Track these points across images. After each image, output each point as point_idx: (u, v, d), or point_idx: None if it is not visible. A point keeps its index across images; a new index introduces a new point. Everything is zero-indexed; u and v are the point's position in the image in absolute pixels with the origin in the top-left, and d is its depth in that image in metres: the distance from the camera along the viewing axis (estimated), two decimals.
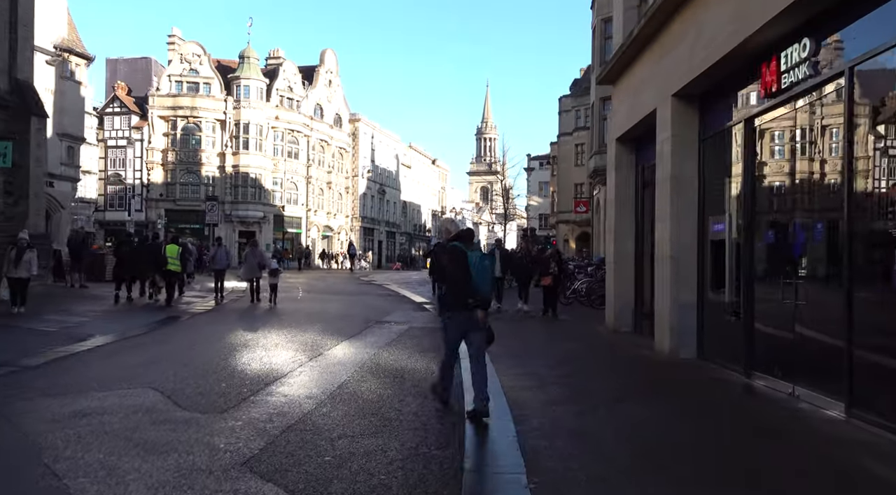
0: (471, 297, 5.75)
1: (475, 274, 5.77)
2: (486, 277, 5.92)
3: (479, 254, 5.94)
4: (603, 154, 25.78)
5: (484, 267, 5.90)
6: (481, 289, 5.84)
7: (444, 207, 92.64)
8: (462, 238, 6.05)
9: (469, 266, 5.76)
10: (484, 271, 5.88)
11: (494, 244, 16.72)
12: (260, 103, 48.61)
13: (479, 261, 5.87)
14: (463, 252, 5.83)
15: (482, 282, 5.85)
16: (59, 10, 29.95)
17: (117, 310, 15.13)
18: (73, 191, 31.60)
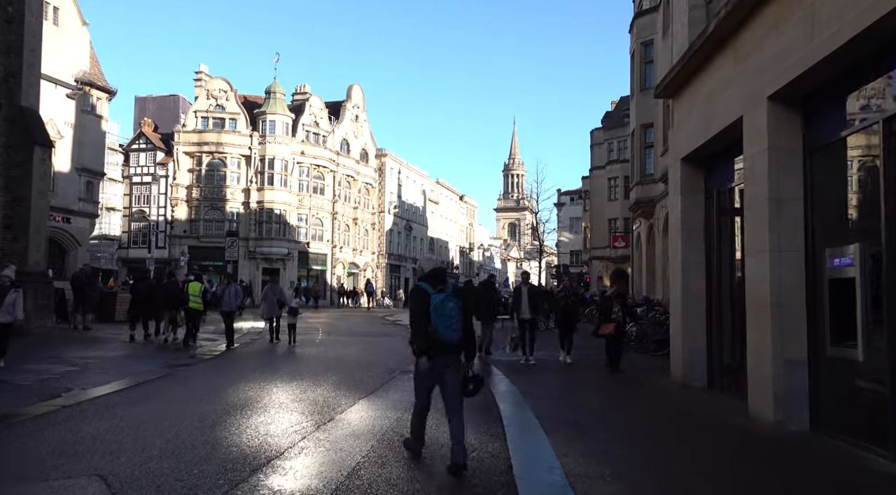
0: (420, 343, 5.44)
1: (435, 317, 5.37)
2: (448, 322, 5.41)
3: (442, 296, 5.47)
4: (646, 184, 24.00)
5: (446, 309, 5.41)
6: (442, 334, 5.38)
7: (472, 244, 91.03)
8: (430, 277, 5.66)
9: (429, 308, 5.38)
10: (446, 314, 5.40)
11: (521, 279, 14.25)
12: (286, 138, 47.93)
13: (440, 303, 5.42)
14: (425, 293, 5.49)
15: (444, 326, 5.39)
16: (82, 44, 29.45)
17: (118, 354, 13.60)
18: (91, 227, 30.66)
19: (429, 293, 5.48)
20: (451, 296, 5.50)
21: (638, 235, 28.04)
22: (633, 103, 25.15)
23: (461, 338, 5.53)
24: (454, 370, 5.53)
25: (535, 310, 13.23)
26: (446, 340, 5.40)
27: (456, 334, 5.46)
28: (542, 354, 14.09)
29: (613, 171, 49.88)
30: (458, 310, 5.50)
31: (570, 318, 13.61)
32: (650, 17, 23.88)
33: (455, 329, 5.44)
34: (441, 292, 5.51)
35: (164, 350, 14.82)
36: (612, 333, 11.93)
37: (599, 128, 53.95)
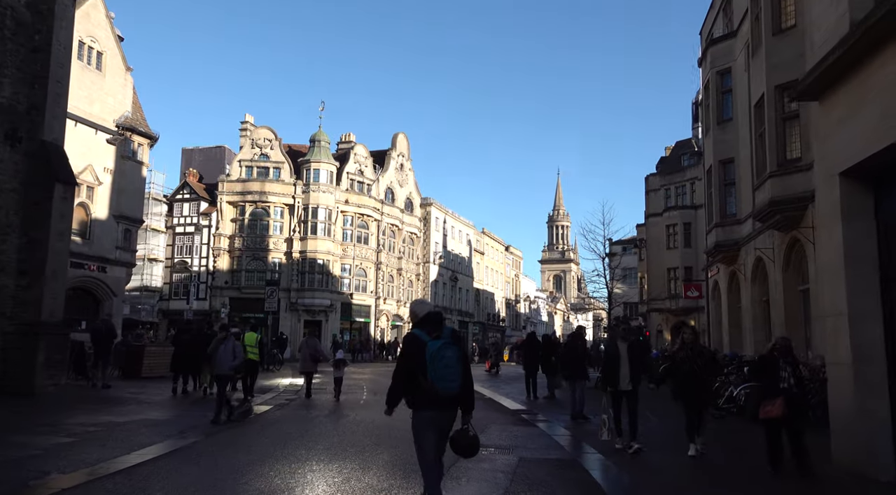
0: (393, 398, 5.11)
1: (432, 367, 4.80)
2: (447, 372, 4.85)
3: (440, 343, 4.91)
4: (727, 226, 21.41)
5: (445, 357, 4.87)
6: (441, 386, 4.82)
7: (518, 295, 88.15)
8: (426, 323, 5.12)
9: (425, 357, 4.83)
10: (444, 364, 4.85)
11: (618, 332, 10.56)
12: (330, 187, 46.80)
13: (438, 350, 4.87)
14: (419, 340, 4.97)
15: (442, 377, 4.83)
16: (125, 89, 28.75)
17: (132, 419, 11.51)
18: (127, 276, 29.33)
19: (424, 341, 4.97)
20: (450, 343, 4.98)
21: (715, 283, 25.20)
22: (710, 139, 22.80)
23: (460, 389, 4.98)
24: (449, 427, 5.07)
25: (637, 378, 9.52)
26: (444, 393, 4.87)
27: (455, 385, 4.94)
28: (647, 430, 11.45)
29: (672, 218, 47.17)
30: (457, 358, 4.97)
31: (699, 389, 8.85)
32: (726, 44, 21.75)
33: (454, 379, 4.93)
34: (438, 339, 4.98)
35: (196, 406, 12.77)
36: (783, 414, 7.53)
37: (654, 173, 51.52)
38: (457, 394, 4.96)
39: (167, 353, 20.95)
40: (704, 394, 9.13)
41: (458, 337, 5.28)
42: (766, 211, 16.08)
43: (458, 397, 5.00)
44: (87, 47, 26.85)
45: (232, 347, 12.10)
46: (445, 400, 4.92)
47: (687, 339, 9.14)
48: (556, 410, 15.08)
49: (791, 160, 15.48)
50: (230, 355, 12.00)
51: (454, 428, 5.07)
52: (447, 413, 5.00)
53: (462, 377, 4.98)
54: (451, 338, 5.05)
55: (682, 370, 8.90)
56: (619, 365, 9.38)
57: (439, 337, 5.00)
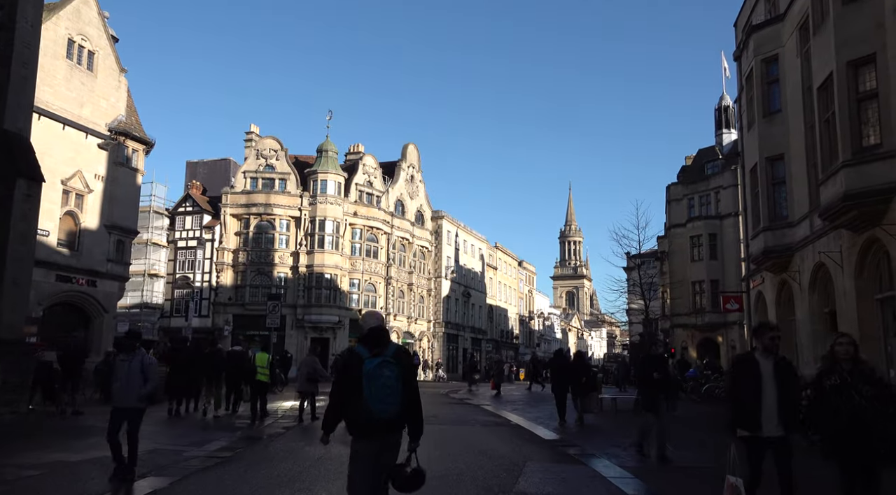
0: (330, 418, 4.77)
1: (367, 387, 4.46)
2: (383, 393, 4.48)
3: (378, 361, 4.53)
4: (778, 230, 19.17)
5: (381, 377, 4.49)
6: (374, 407, 4.44)
7: (532, 312, 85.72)
8: (368, 338, 4.71)
9: (361, 377, 4.47)
10: (380, 383, 4.48)
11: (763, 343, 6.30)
12: (338, 199, 44.91)
13: (375, 369, 4.50)
14: (357, 357, 4.61)
15: (377, 397, 4.45)
16: (119, 92, 27.03)
17: (86, 458, 9.43)
18: (120, 291, 27.38)
19: (361, 358, 4.58)
20: (390, 362, 4.55)
21: (758, 295, 22.90)
22: (754, 134, 20.65)
23: (400, 414, 4.55)
24: (392, 454, 4.59)
25: (791, 418, 5.76)
26: (379, 415, 4.45)
27: (392, 408, 4.51)
28: None
29: (696, 229, 44.91)
30: (397, 378, 4.55)
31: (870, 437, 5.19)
32: (772, 29, 19.68)
33: (391, 401, 4.50)
34: (378, 356, 4.57)
35: (181, 436, 10.66)
36: None
37: (676, 183, 49.27)
38: (394, 419, 4.58)
39: None
40: (879, 445, 5.19)
41: (406, 355, 4.84)
42: (836, 207, 13.88)
43: (397, 422, 4.62)
44: (78, 46, 25.17)
45: (140, 367, 7.80)
46: (384, 424, 4.54)
47: (842, 353, 5.46)
48: (597, 440, 12.86)
49: (869, 147, 13.34)
50: (137, 378, 7.77)
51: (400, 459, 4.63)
52: (387, 439, 4.60)
53: (402, 399, 4.57)
54: (396, 356, 4.65)
55: (839, 405, 5.28)
56: (762, 395, 5.65)
57: (380, 354, 4.62)
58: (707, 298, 43.94)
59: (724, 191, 44.12)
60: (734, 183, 43.15)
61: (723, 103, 48.99)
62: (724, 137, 48.43)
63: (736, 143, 47.21)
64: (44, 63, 23.50)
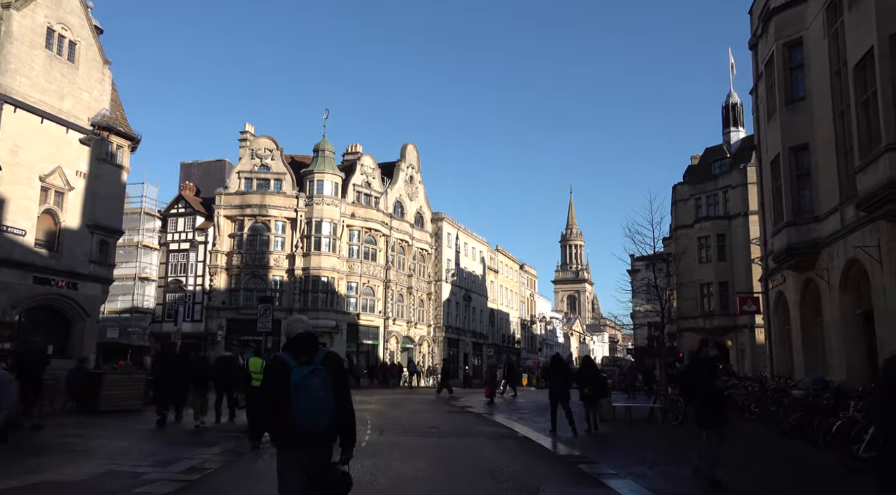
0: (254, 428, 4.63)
1: (295, 397, 4.11)
2: (312, 405, 4.13)
3: (307, 370, 4.18)
4: (803, 225, 17.84)
5: (310, 387, 4.15)
6: (302, 420, 4.10)
7: (534, 316, 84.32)
8: (295, 345, 4.34)
9: (288, 385, 4.12)
10: (310, 394, 4.14)
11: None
12: (335, 200, 43.59)
13: (303, 379, 4.15)
14: (283, 366, 4.23)
15: (305, 410, 4.11)
16: (103, 85, 25.72)
17: (29, 483, 8.08)
18: (104, 294, 26.01)
19: (289, 367, 4.21)
20: (320, 370, 4.21)
21: (778, 295, 21.55)
22: (775, 124, 19.34)
23: (331, 426, 4.24)
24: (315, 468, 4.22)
25: None
26: (308, 430, 4.12)
27: (323, 421, 4.19)
28: None
29: (704, 229, 43.63)
30: (328, 388, 4.22)
31: None
32: (795, 10, 18.41)
33: (322, 414, 4.17)
34: (307, 364, 4.22)
35: (148, 453, 9.29)
36: None
37: (683, 183, 47.96)
38: (325, 432, 4.24)
39: (133, 382, 17.63)
40: None
41: (336, 361, 4.47)
42: (879, 195, 12.57)
43: (328, 435, 4.27)
44: (58, 35, 23.87)
45: None
46: (313, 438, 4.17)
47: None
48: (615, 454, 11.52)
49: None
50: None
51: None
52: (317, 452, 4.23)
53: (333, 410, 4.22)
54: (326, 363, 4.29)
55: None
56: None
57: (309, 362, 4.26)
58: (716, 301, 42.66)
59: (733, 190, 42.86)
60: (743, 182, 41.90)
61: (730, 100, 47.75)
62: (731, 135, 47.17)
63: (744, 141, 46.14)
64: (20, 52, 22.32)
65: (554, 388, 15.08)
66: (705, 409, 8.06)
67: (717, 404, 8.26)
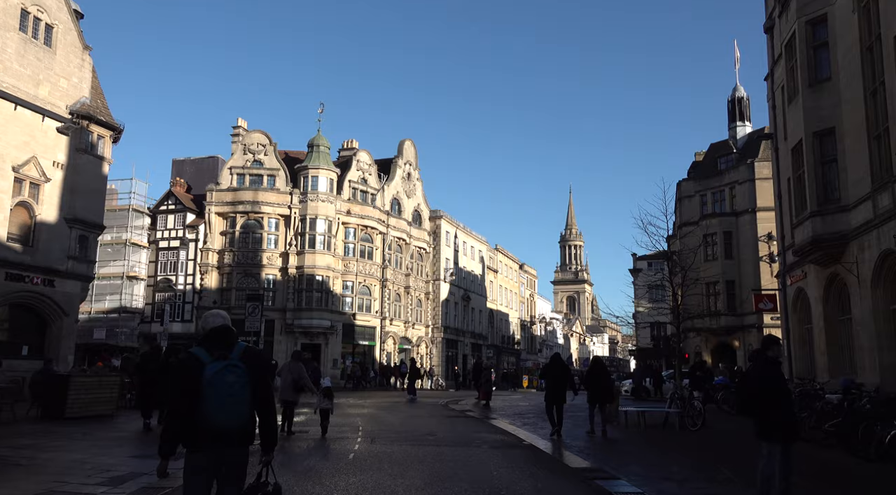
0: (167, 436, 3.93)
1: (208, 395, 3.78)
2: (227, 402, 3.81)
3: (221, 365, 3.86)
4: (829, 215, 16.55)
5: (224, 383, 3.82)
6: (215, 418, 3.78)
7: (534, 317, 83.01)
8: (210, 340, 4.03)
9: (201, 382, 3.81)
10: (224, 390, 3.82)
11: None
12: (330, 196, 42.25)
13: (216, 374, 3.83)
14: (195, 362, 3.92)
15: (219, 407, 3.79)
16: (82, 71, 24.39)
17: None
18: (83, 292, 24.67)
19: (202, 362, 3.90)
20: (236, 366, 3.89)
21: (798, 292, 20.25)
22: (796, 108, 18.08)
23: (245, 425, 3.92)
24: (235, 474, 3.92)
25: None
26: (220, 428, 3.80)
27: (236, 419, 3.86)
28: None
29: (710, 227, 42.37)
30: (243, 385, 3.89)
31: None
32: None
33: (237, 411, 3.85)
34: (221, 360, 3.90)
35: (100, 468, 7.97)
36: None
37: (687, 179, 46.72)
38: (238, 431, 3.89)
39: (106, 385, 16.30)
40: None
41: (255, 356, 4.13)
42: None
43: (242, 435, 3.93)
44: (33, 18, 22.56)
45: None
46: (224, 437, 3.84)
47: None
48: (635, 466, 10.20)
49: None
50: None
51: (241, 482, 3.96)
52: (228, 452, 3.88)
53: (249, 408, 3.93)
54: (244, 358, 3.95)
55: None
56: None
57: (224, 357, 3.91)
58: (722, 300, 41.45)
59: (740, 186, 41.65)
60: (750, 177, 40.70)
61: (736, 94, 46.55)
62: (738, 130, 45.94)
63: (751, 136, 44.92)
64: None
65: (551, 390, 14.19)
66: (771, 419, 6.71)
67: (789, 412, 6.91)
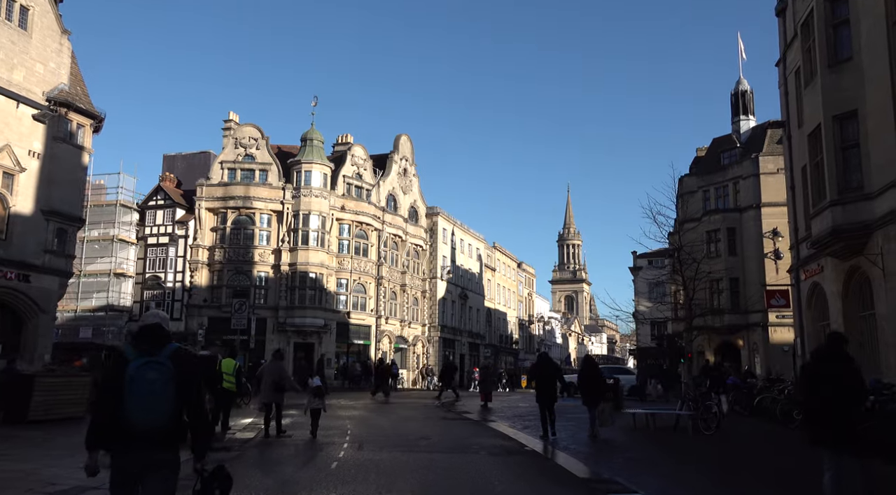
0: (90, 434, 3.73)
1: (129, 391, 3.63)
2: (148, 400, 3.63)
3: (143, 361, 3.70)
4: (850, 204, 15.48)
5: (145, 380, 3.65)
6: (136, 415, 3.61)
7: (532, 316, 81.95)
8: (139, 338, 3.87)
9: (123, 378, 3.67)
10: (145, 387, 3.65)
11: None
12: (324, 191, 41.13)
13: (138, 370, 3.67)
14: (121, 357, 3.80)
15: (139, 405, 3.62)
16: (61, 57, 23.25)
17: None
18: (61, 288, 23.52)
19: (126, 358, 3.76)
20: (160, 363, 3.71)
21: (812, 288, 19.18)
22: (814, 90, 17.02)
23: (168, 426, 3.68)
24: (159, 477, 3.68)
25: None
26: (139, 426, 3.60)
27: (157, 418, 3.64)
28: None
29: (713, 223, 41.32)
30: (166, 382, 3.69)
31: None
32: None
33: (157, 410, 3.64)
34: (147, 356, 3.74)
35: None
36: None
37: (689, 174, 45.65)
38: (160, 432, 3.68)
39: (77, 385, 15.18)
40: None
41: (186, 358, 3.88)
42: None
43: (165, 436, 3.70)
44: None
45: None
46: (145, 438, 3.64)
47: None
48: (648, 476, 9.13)
49: None
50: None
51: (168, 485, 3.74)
52: (151, 457, 3.65)
53: (172, 407, 3.69)
54: (173, 357, 3.76)
55: None
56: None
57: (151, 354, 3.77)
58: (726, 298, 40.42)
59: (744, 181, 40.61)
60: (755, 172, 39.69)
61: (740, 88, 45.50)
62: (741, 124, 44.88)
63: (755, 130, 43.91)
64: None
65: (541, 390, 13.28)
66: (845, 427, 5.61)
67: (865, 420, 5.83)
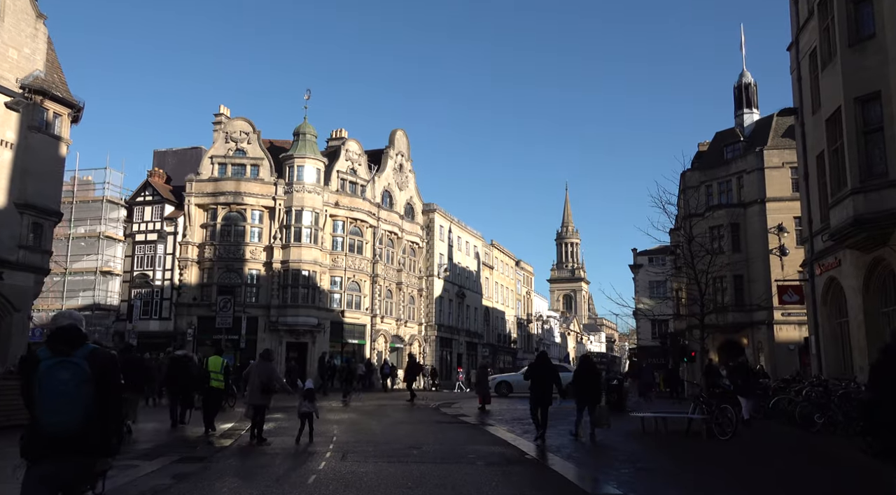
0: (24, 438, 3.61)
1: (39, 394, 3.50)
2: (57, 402, 3.49)
3: (54, 362, 3.54)
4: (873, 192, 14.42)
5: (54, 381, 3.51)
6: (44, 418, 3.49)
7: (531, 315, 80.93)
8: (53, 339, 3.68)
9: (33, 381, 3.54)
10: (54, 388, 3.50)
11: None
12: (317, 187, 40.04)
13: (48, 371, 3.52)
14: (33, 358, 3.65)
15: (49, 408, 3.49)
16: (36, 42, 22.12)
17: None
18: (37, 285, 22.41)
19: (38, 359, 3.61)
20: (72, 363, 3.54)
21: (828, 282, 18.13)
22: (834, 71, 15.97)
23: (82, 428, 3.50)
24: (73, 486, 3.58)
25: None
26: (49, 429, 3.47)
27: (68, 420, 3.48)
28: None
29: (717, 218, 40.34)
30: (78, 383, 3.53)
31: None
32: None
33: (68, 412, 3.48)
34: (59, 356, 3.57)
35: None
36: None
37: (692, 169, 44.54)
38: (73, 435, 3.49)
39: None
40: None
41: (103, 359, 3.69)
42: None
43: (80, 440, 3.51)
44: None
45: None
46: (57, 442, 3.47)
47: None
48: (666, 488, 8.07)
49: None
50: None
51: None
52: (67, 462, 3.50)
53: (86, 410, 3.50)
54: (89, 358, 3.57)
55: None
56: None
57: (65, 354, 3.57)
58: (730, 295, 39.40)
59: (748, 175, 39.60)
60: (759, 166, 38.69)
61: (743, 80, 44.46)
62: (745, 118, 43.87)
63: (759, 123, 42.89)
64: None
65: (536, 390, 12.64)
66: None
67: None
